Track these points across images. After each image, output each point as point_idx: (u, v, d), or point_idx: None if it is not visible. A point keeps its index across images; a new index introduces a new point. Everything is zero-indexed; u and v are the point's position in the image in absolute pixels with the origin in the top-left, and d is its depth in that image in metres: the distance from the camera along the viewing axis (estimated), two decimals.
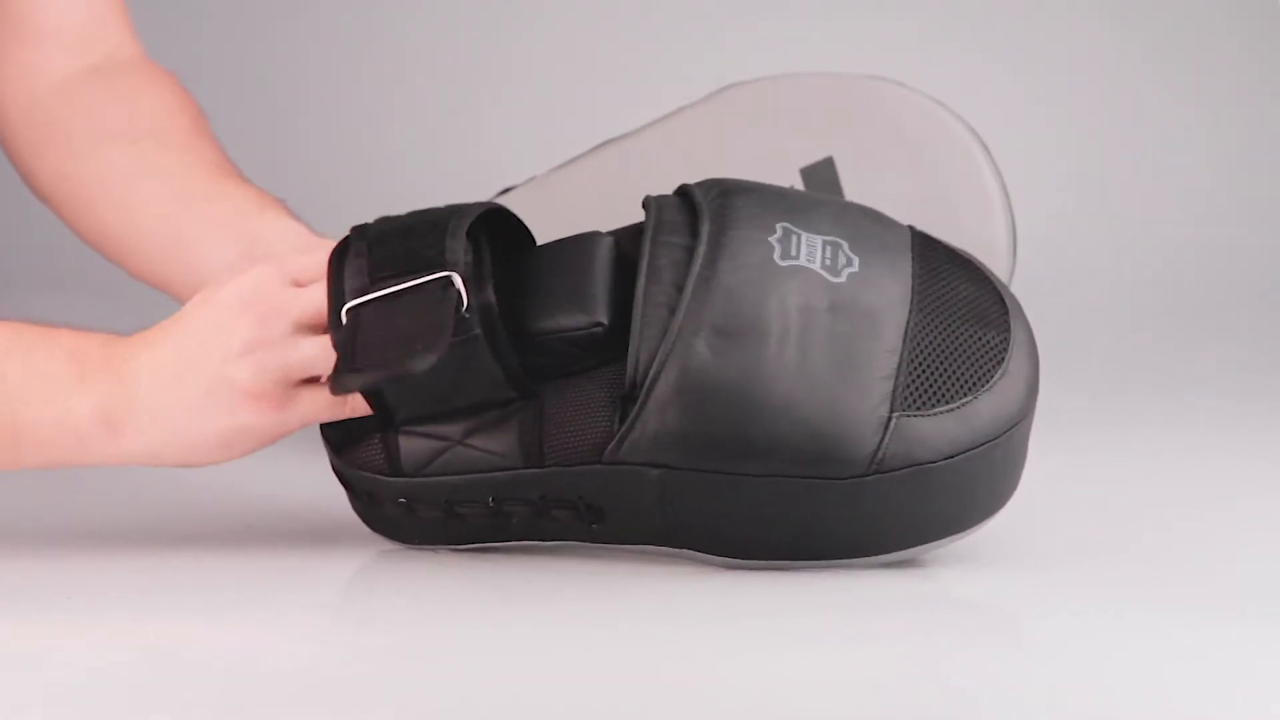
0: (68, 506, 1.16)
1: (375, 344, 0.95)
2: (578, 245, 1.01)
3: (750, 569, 0.99)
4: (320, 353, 0.96)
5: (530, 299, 0.99)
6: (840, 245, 0.98)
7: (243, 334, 0.95)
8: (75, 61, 1.23)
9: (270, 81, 2.06)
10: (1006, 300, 1.00)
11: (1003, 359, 0.97)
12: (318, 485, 1.12)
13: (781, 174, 1.34)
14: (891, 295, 0.97)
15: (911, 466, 0.94)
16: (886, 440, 0.94)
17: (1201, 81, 2.07)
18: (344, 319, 0.96)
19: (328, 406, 0.97)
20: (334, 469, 1.02)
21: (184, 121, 1.22)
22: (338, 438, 1.00)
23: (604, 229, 1.03)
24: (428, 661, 0.88)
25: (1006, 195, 1.34)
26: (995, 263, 1.33)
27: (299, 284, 0.97)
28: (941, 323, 0.97)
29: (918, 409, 0.95)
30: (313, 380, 0.97)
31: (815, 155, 1.34)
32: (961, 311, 0.98)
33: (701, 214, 0.99)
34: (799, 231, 0.98)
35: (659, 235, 0.98)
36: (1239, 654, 0.89)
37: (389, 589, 1.00)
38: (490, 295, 0.97)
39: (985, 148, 1.34)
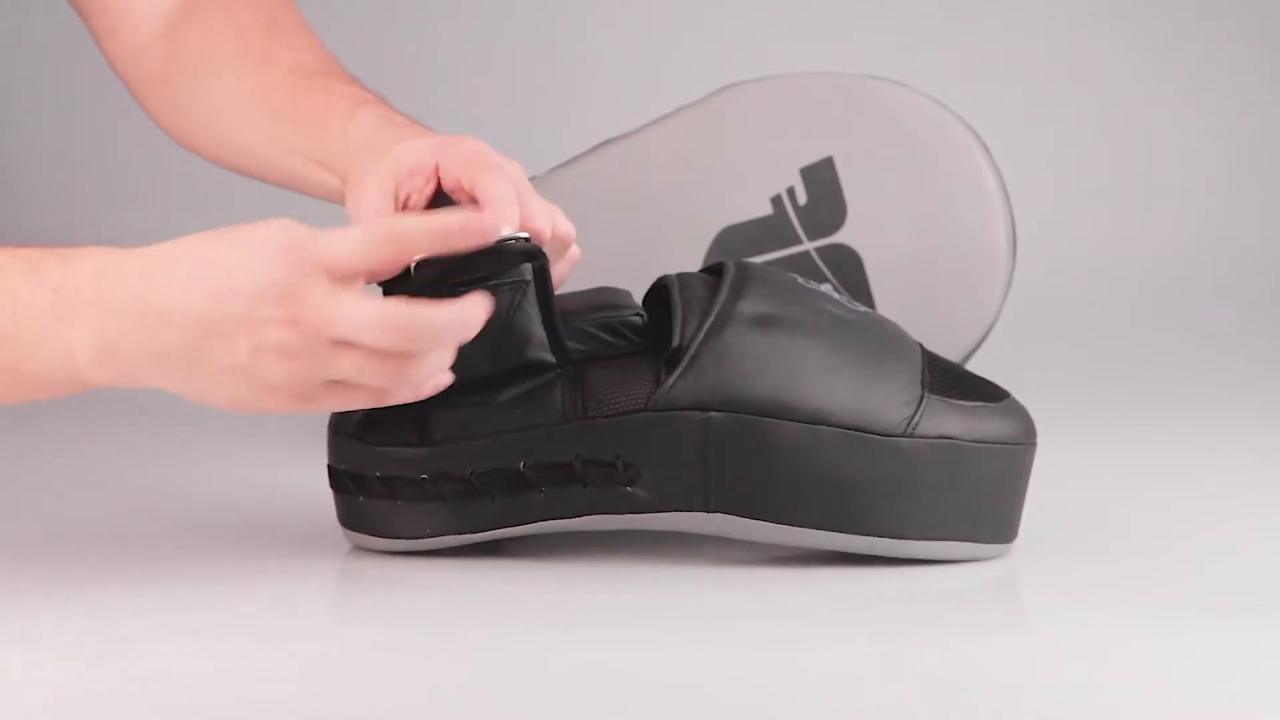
0: (63, 505, 1.17)
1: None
2: (603, 288, 1.04)
3: (777, 547, 1.00)
4: (360, 365, 0.91)
5: (569, 305, 1.01)
6: (853, 300, 1.06)
7: (278, 335, 0.89)
8: (163, 8, 1.24)
9: None
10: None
11: (1006, 398, 1.01)
12: (316, 486, 1.12)
13: (781, 174, 1.34)
14: (905, 332, 1.04)
15: (944, 438, 0.98)
16: (920, 412, 0.98)
17: (1201, 81, 2.07)
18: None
19: (354, 403, 0.93)
20: (333, 469, 1.02)
21: (256, 34, 1.22)
22: (355, 424, 1.00)
23: (604, 229, 1.04)
24: (430, 663, 0.88)
25: (1006, 195, 1.34)
26: (995, 263, 1.33)
27: (334, 273, 0.90)
28: (951, 365, 1.03)
29: (945, 396, 0.99)
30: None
31: (815, 155, 1.34)
32: (967, 374, 1.03)
33: (725, 266, 1.04)
34: (814, 281, 1.06)
35: (685, 275, 1.03)
36: (1234, 653, 0.89)
37: (391, 588, 0.99)
38: (545, 257, 0.99)
39: (985, 148, 1.34)
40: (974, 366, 1.34)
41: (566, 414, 0.98)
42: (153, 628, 0.92)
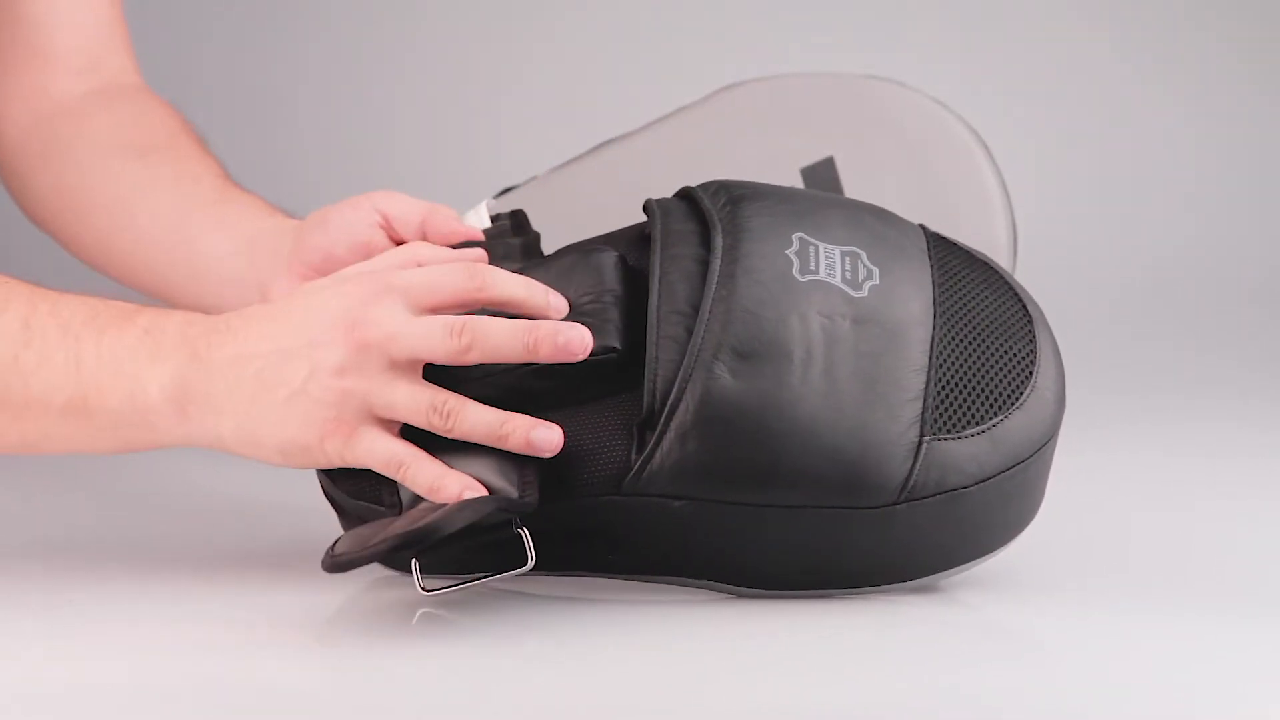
0: (64, 515, 1.17)
1: None
2: (582, 261, 0.97)
3: (768, 598, 0.96)
4: (408, 401, 0.92)
5: None
6: (859, 256, 0.95)
7: (338, 355, 0.91)
8: (81, 84, 1.24)
9: (270, 79, 2.06)
10: (1029, 308, 0.97)
11: (1031, 373, 0.94)
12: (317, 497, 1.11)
13: (781, 174, 1.34)
14: (914, 309, 0.94)
15: (944, 493, 0.91)
16: (918, 467, 0.91)
17: (1201, 81, 2.07)
18: None
19: (388, 456, 0.92)
20: (325, 493, 0.98)
21: (190, 141, 1.22)
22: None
23: (604, 229, 1.03)
24: (408, 682, 0.87)
25: (1007, 195, 1.34)
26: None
27: (418, 306, 0.92)
28: (967, 337, 0.94)
29: (949, 432, 0.92)
30: (387, 422, 0.93)
31: (815, 155, 1.34)
32: (986, 323, 0.95)
33: (713, 223, 0.96)
34: (816, 242, 0.95)
35: (668, 248, 0.95)
36: (1248, 656, 0.89)
37: (386, 617, 0.97)
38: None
39: (985, 148, 1.34)
40: None
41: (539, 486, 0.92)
42: (135, 644, 0.91)
